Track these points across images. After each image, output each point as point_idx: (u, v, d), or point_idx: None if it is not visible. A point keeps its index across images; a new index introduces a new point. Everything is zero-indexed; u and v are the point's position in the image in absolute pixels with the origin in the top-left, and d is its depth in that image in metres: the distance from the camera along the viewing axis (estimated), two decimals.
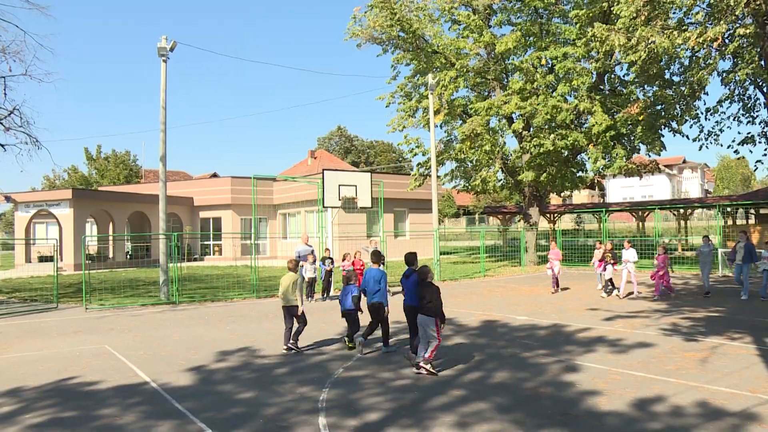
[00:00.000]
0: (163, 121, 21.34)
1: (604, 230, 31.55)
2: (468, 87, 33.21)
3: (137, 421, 7.52)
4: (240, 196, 44.04)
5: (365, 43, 31.87)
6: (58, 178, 76.50)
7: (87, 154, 75.13)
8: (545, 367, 9.78)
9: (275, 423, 7.31)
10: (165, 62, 21.27)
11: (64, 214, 37.63)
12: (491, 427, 6.95)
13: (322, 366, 10.24)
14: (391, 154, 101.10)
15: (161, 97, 21.35)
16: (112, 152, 74.75)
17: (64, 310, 18.53)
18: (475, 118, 30.08)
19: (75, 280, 27.29)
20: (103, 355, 11.49)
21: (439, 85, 30.35)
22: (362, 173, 26.09)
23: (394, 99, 34.61)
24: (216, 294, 21.50)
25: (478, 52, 31.35)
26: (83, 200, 38.89)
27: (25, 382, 9.52)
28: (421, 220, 42.80)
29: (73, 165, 76.97)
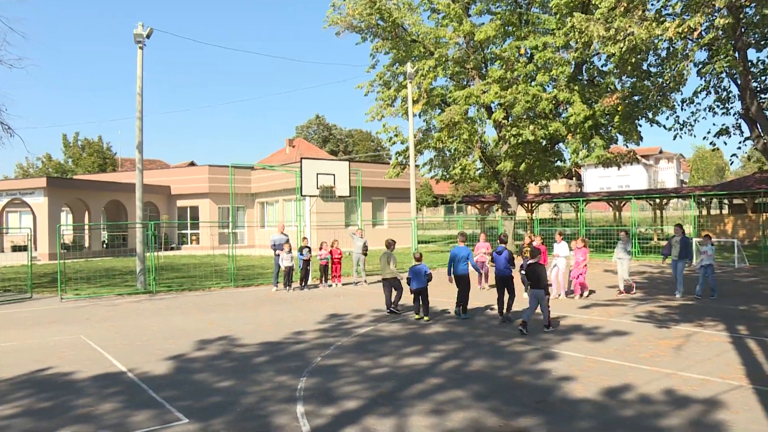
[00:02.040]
0: (139, 108, 21.11)
1: (581, 219, 31.79)
2: (447, 76, 33.21)
3: (114, 411, 7.48)
4: (217, 185, 43.81)
5: (344, 31, 31.77)
6: (31, 167, 75.55)
7: (64, 141, 74.23)
8: (522, 355, 9.87)
9: (253, 412, 7.31)
10: (141, 49, 21.02)
11: (39, 203, 37.16)
12: (468, 415, 7.00)
13: (300, 354, 10.25)
14: (370, 143, 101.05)
15: (137, 84, 21.11)
16: (86, 140, 73.91)
17: (39, 300, 18.33)
18: (453, 107, 30.11)
19: (50, 269, 27.00)
20: (79, 346, 11.40)
21: (418, 74, 30.33)
22: (340, 162, 26.01)
23: (373, 88, 34.54)
24: (194, 283, 21.40)
25: (457, 41, 31.37)
26: (58, 189, 38.43)
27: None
28: (399, 209, 42.85)
29: (48, 153, 76.02)
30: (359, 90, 35.06)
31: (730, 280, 20.18)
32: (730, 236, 35.15)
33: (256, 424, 6.86)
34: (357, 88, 35.47)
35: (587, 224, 37.72)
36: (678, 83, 23.52)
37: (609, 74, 30.12)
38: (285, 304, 16.56)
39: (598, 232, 37.07)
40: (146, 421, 7.06)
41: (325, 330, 12.52)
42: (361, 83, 34.79)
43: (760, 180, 37.95)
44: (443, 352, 10.17)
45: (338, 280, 20.75)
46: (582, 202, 33.82)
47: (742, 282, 19.50)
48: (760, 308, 14.12)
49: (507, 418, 6.86)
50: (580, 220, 31.97)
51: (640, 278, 20.77)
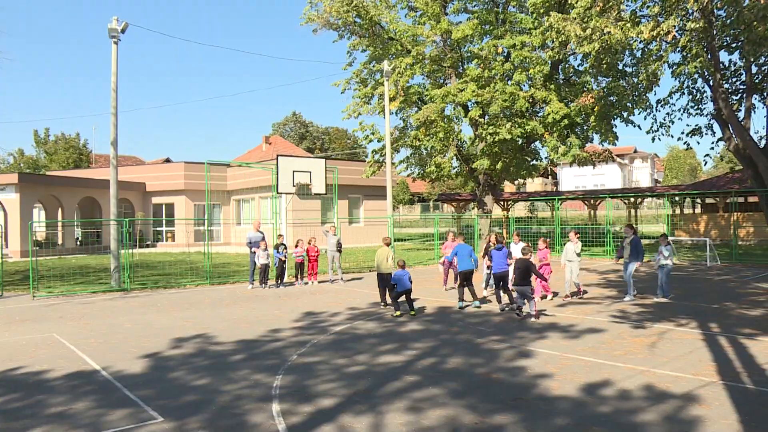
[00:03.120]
0: (114, 105, 20.87)
1: (557, 218, 32.08)
2: (424, 74, 33.29)
3: (88, 410, 7.39)
4: (193, 182, 43.51)
5: (321, 28, 31.70)
6: (2, 162, 74.42)
7: (36, 137, 73.25)
8: (498, 352, 9.92)
9: (228, 410, 7.27)
10: (116, 44, 20.78)
11: (10, 199, 36.60)
12: (444, 412, 7.02)
13: (276, 352, 10.21)
14: (346, 141, 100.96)
15: (112, 80, 20.88)
16: (61, 135, 72.98)
17: (10, 298, 18.08)
18: (430, 105, 30.19)
19: (22, 267, 26.63)
20: (52, 344, 11.25)
21: (395, 72, 30.36)
22: (317, 159, 25.96)
23: (350, 85, 34.49)
24: (169, 281, 21.24)
25: (434, 39, 31.42)
26: (30, 185, 37.88)
27: None
28: (375, 207, 42.89)
29: (20, 148, 74.93)
30: (336, 87, 35.01)
31: (703, 278, 20.46)
32: (703, 235, 35.63)
33: (232, 423, 6.82)
34: (334, 85, 35.53)
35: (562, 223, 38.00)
36: (652, 83, 23.79)
37: (585, 74, 30.38)
38: (261, 301, 16.49)
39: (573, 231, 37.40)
40: (121, 420, 6.98)
41: (301, 328, 12.49)
42: (338, 81, 34.77)
43: (731, 180, 38.53)
44: (419, 350, 10.19)
45: (314, 278, 20.70)
46: (557, 200, 34.09)
47: (715, 280, 19.79)
48: (732, 306, 14.33)
49: (483, 416, 6.89)
50: (556, 218, 32.25)
51: (615, 276, 20.97)
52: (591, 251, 30.19)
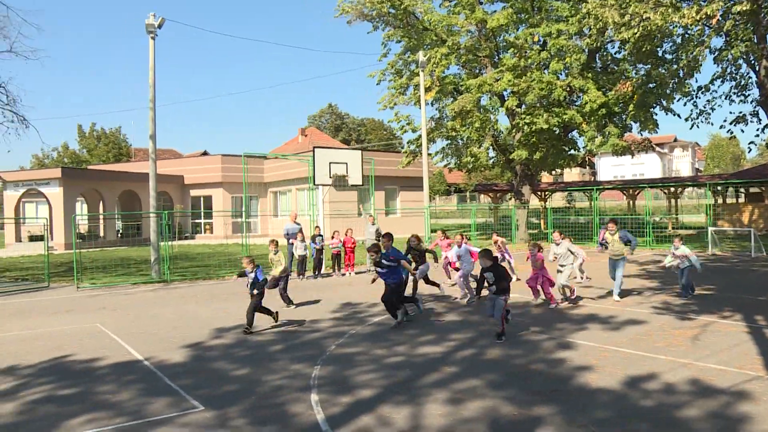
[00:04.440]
0: (152, 99, 21.15)
1: (595, 208, 31.67)
2: (459, 64, 33.08)
3: (132, 398, 7.55)
4: (230, 174, 43.90)
5: (356, 20, 31.69)
6: (47, 157, 76.01)
7: (80, 131, 74.64)
8: (537, 344, 9.85)
9: (268, 400, 7.34)
10: (153, 39, 21.04)
11: (54, 193, 37.41)
12: (483, 404, 7.00)
13: (314, 343, 10.27)
14: (382, 132, 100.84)
15: (150, 75, 21.15)
16: (101, 131, 74.27)
17: (56, 289, 18.49)
18: (466, 96, 30.00)
19: (66, 259, 27.19)
20: (96, 334, 11.49)
21: (430, 63, 30.22)
22: (353, 151, 26.01)
23: (385, 76, 34.47)
24: (208, 272, 21.49)
25: (469, 29, 31.21)
26: (73, 179, 38.67)
27: (21, 360, 9.53)
28: (412, 198, 42.81)
29: (65, 143, 76.47)
30: (371, 79, 35.03)
31: (747, 269, 20.02)
32: (746, 225, 34.86)
33: (272, 412, 6.89)
34: (369, 76, 35.46)
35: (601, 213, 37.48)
36: (692, 69, 23.28)
37: (623, 61, 29.89)
38: (299, 292, 16.58)
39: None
40: (163, 409, 7.11)
41: (339, 318, 12.55)
42: (373, 72, 34.76)
43: None
44: (458, 341, 10.17)
45: (351, 268, 20.76)
46: (596, 190, 33.67)
47: (760, 272, 19.33)
48: None
49: (523, 407, 6.85)
50: (594, 209, 31.84)
51: (655, 267, 20.64)
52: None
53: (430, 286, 15.36)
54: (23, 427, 6.70)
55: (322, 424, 6.51)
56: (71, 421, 6.80)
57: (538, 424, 6.35)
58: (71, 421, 6.80)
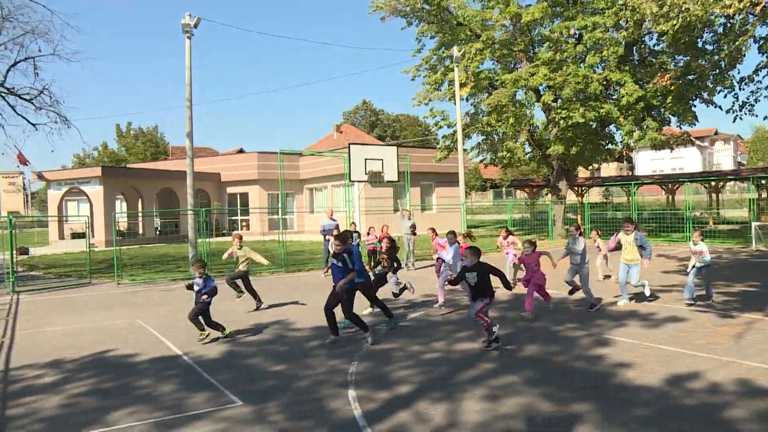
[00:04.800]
0: (188, 97, 21.39)
1: (633, 203, 31.23)
2: (494, 59, 32.83)
3: (172, 392, 7.67)
4: (266, 172, 44.21)
5: (390, 16, 31.63)
6: (87, 156, 77.43)
7: (118, 131, 75.94)
8: (575, 340, 9.75)
9: (306, 395, 7.39)
10: (189, 39, 21.26)
11: (95, 191, 38.10)
12: (521, 400, 6.95)
13: (352, 339, 10.30)
14: (417, 128, 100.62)
15: (186, 74, 21.38)
16: (139, 130, 75.43)
17: (98, 285, 18.84)
18: (501, 90, 29.78)
19: (107, 256, 27.68)
20: (137, 329, 11.69)
21: (465, 58, 30.05)
22: (388, 147, 25.99)
23: (420, 72, 34.37)
24: None
25: (503, 23, 30.93)
26: (112, 178, 39.32)
27: (64, 354, 9.75)
28: (447, 194, 42.65)
29: (104, 142, 77.94)
30: (406, 75, 34.94)
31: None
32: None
33: (309, 408, 6.93)
34: (403, 72, 35.40)
35: (639, 208, 36.98)
36: (735, 60, 22.73)
37: (661, 53, 29.37)
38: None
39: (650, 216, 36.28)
40: (203, 403, 7.21)
41: (376, 314, 12.56)
42: (408, 68, 34.70)
43: None
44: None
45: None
46: (634, 185, 33.18)
47: None
48: None
49: (560, 404, 6.78)
50: (632, 204, 31.41)
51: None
52: (670, 237, 29.28)
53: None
54: (68, 419, 6.85)
55: (360, 420, 6.53)
56: (113, 414, 6.93)
57: (576, 421, 6.29)
58: (113, 414, 6.93)
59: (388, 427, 6.32)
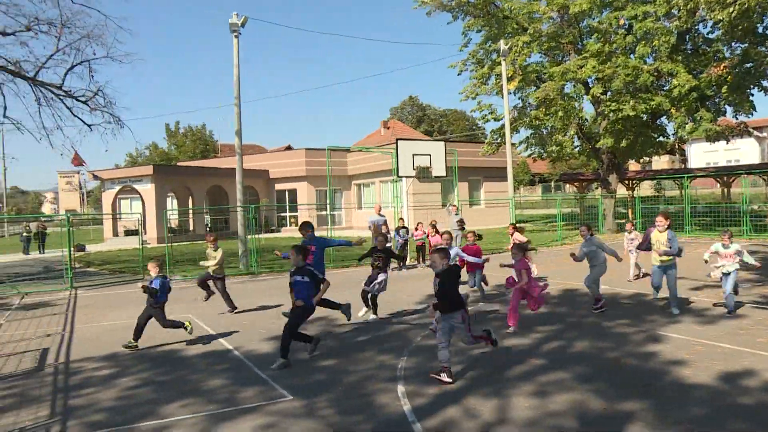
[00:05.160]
0: (237, 95, 21.69)
1: (686, 197, 30.50)
2: (541, 52, 32.41)
3: (223, 386, 7.80)
4: (314, 168, 44.52)
5: (435, 10, 31.50)
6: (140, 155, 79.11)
7: (168, 130, 77.39)
8: (627, 336, 9.57)
9: (355, 390, 7.42)
10: (237, 38, 21.55)
11: (147, 189, 38.94)
12: (572, 397, 6.87)
13: (400, 334, 10.32)
14: (464, 122, 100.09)
15: (234, 72, 21.67)
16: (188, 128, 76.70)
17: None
18: (549, 84, 29.40)
19: (159, 252, 28.23)
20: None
21: (512, 51, 29.74)
22: (436, 142, 25.90)
23: (466, 66, 34.14)
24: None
25: (551, 15, 30.47)
26: (164, 176, 40.13)
27: (120, 347, 9.99)
28: (496, 189, 42.35)
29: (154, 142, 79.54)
30: (452, 69, 34.77)
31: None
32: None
33: (359, 403, 6.97)
34: (450, 67, 35.22)
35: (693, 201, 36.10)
36: None
37: (716, 41, 28.58)
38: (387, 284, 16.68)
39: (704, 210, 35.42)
40: (253, 397, 7.31)
41: (424, 310, 12.56)
42: (454, 62, 34.49)
43: None
44: (545, 333, 10.01)
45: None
46: (686, 178, 32.42)
47: None
48: None
49: (612, 401, 6.68)
50: (685, 197, 30.68)
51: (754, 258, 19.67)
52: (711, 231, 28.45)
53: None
54: (124, 411, 7.04)
55: (409, 415, 6.54)
56: (167, 407, 7.09)
57: (628, 419, 6.18)
58: (167, 407, 7.09)
59: (437, 423, 6.32)
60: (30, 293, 17.68)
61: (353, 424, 6.37)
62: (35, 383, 8.41)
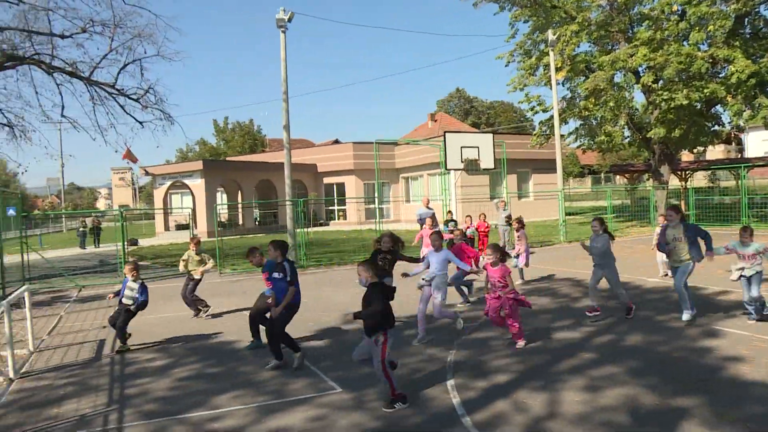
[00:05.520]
0: (284, 91, 21.86)
1: (743, 188, 29.66)
2: (590, 41, 31.82)
3: (273, 378, 7.91)
4: (362, 161, 44.63)
5: (482, 1, 31.20)
6: (190, 151, 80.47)
7: (216, 126, 78.50)
8: (681, 331, 9.36)
9: (404, 383, 7.43)
10: (284, 33, 21.71)
11: (197, 184, 39.63)
12: (623, 392, 6.75)
13: (449, 328, 10.28)
14: (512, 114, 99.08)
15: (281, 67, 21.84)
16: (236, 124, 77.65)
17: None
18: (598, 73, 28.85)
19: (209, 246, 28.63)
20: (239, 317, 12.08)
21: (560, 41, 29.27)
22: (484, 134, 25.74)
23: (514, 57, 33.74)
24: (342, 257, 21.99)
25: (600, 3, 29.88)
26: (213, 171, 40.75)
27: (172, 339, 10.28)
28: (544, 181, 41.83)
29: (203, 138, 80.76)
30: (499, 61, 34.43)
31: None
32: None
33: (408, 395, 6.96)
34: (497, 58, 34.84)
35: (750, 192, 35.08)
36: None
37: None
38: None
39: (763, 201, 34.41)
40: (303, 389, 7.39)
41: (473, 303, 12.52)
42: (501, 54, 34.09)
43: None
44: (596, 327, 9.86)
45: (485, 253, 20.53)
46: (743, 168, 31.52)
47: None
48: None
49: (665, 397, 6.54)
50: (741, 188, 29.82)
51: None
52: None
53: None
54: (177, 401, 7.20)
55: (458, 408, 6.52)
56: (218, 398, 7.23)
57: (682, 415, 6.04)
58: (218, 398, 7.23)
59: (487, 416, 6.29)
60: (86, 286, 18.20)
61: (402, 418, 6.39)
62: (93, 373, 8.67)
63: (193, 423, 6.51)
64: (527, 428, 5.97)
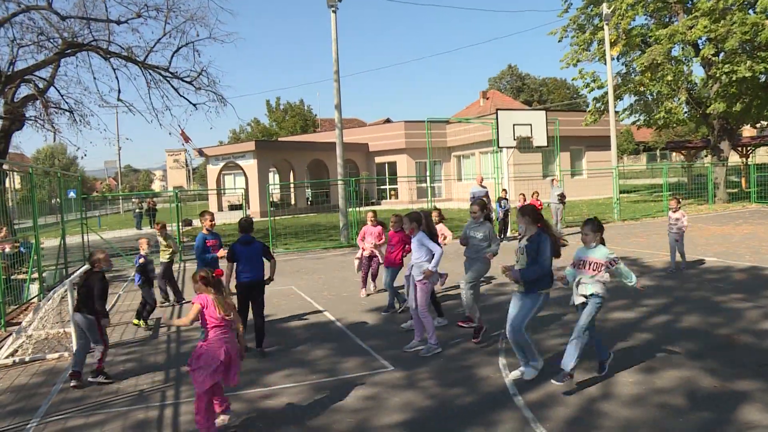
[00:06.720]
0: (336, 71, 21.89)
1: None
2: (647, 14, 30.92)
3: (326, 356, 8.00)
4: (414, 140, 44.49)
5: None
6: (242, 131, 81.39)
7: (268, 106, 79.18)
8: (741, 312, 9.11)
9: (456, 362, 7.44)
10: (334, 13, 21.69)
11: (249, 164, 40.10)
12: (679, 374, 6.62)
13: (502, 306, 10.20)
14: (565, 91, 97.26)
15: (333, 47, 21.86)
16: (288, 104, 78.14)
17: None
18: (655, 47, 28.04)
19: (261, 226, 29.08)
20: (291, 296, 12.25)
21: (615, 15, 28.49)
22: (536, 111, 25.35)
23: (567, 33, 33.06)
24: None
25: None
26: (265, 151, 41.17)
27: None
28: (598, 158, 41.07)
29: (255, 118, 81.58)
30: (552, 37, 33.74)
31: None
32: None
33: (460, 375, 6.98)
34: (550, 34, 34.17)
35: None
36: None
37: None
38: None
39: None
40: (356, 368, 7.46)
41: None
42: (554, 29, 33.47)
43: None
44: (652, 307, 9.68)
45: None
46: None
47: None
48: None
49: (724, 380, 6.39)
50: None
51: None
52: None
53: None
54: None
55: (510, 388, 6.51)
56: (272, 375, 7.35)
57: (742, 399, 5.89)
58: (272, 375, 7.35)
59: (539, 396, 6.26)
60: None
61: (455, 397, 6.40)
62: (150, 350, 8.92)
63: (247, 399, 6.63)
64: (581, 409, 5.92)
